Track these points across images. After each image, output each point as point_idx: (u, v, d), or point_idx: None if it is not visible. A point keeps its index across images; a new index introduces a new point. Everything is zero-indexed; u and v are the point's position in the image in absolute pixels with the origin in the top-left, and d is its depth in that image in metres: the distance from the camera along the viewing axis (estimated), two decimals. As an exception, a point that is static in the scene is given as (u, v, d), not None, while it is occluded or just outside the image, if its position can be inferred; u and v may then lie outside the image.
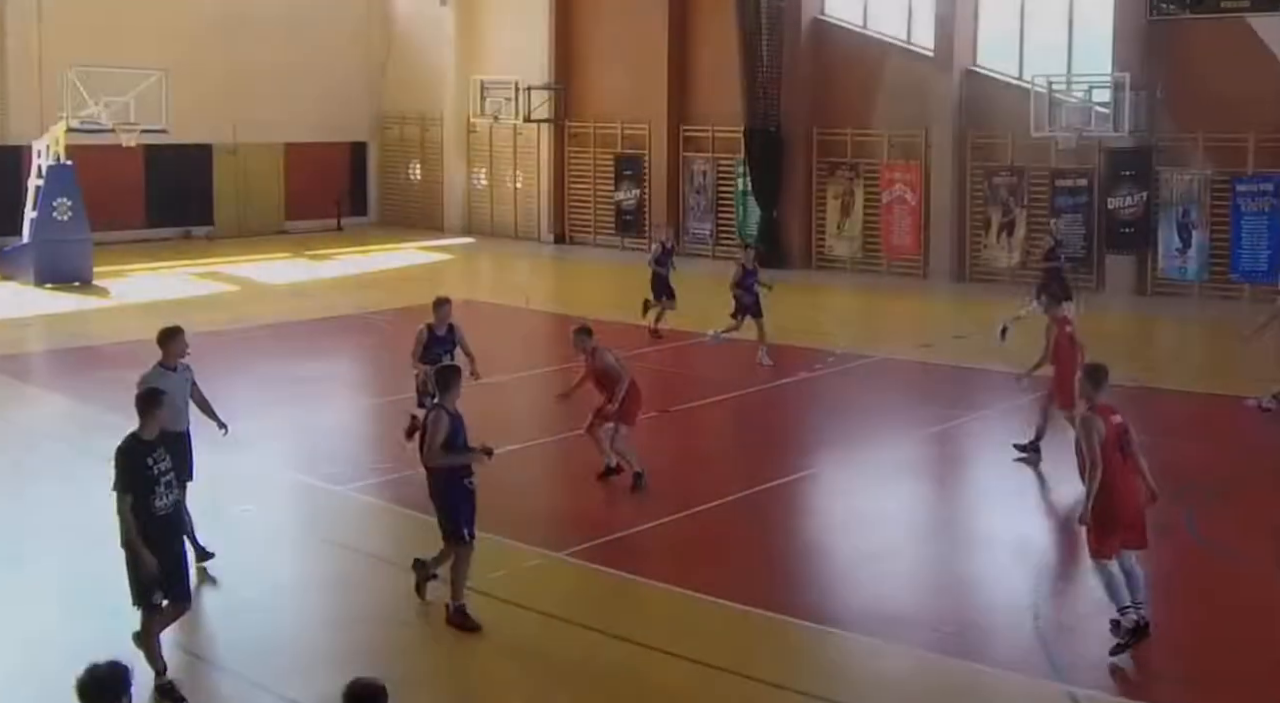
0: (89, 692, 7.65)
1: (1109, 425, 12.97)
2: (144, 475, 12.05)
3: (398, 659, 13.03)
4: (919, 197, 39.35)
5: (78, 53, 38.73)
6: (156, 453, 12.23)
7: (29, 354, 27.81)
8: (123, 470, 12.04)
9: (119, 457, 12.10)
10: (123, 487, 11.97)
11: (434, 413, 13.97)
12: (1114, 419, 13.12)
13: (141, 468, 12.05)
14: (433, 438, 13.77)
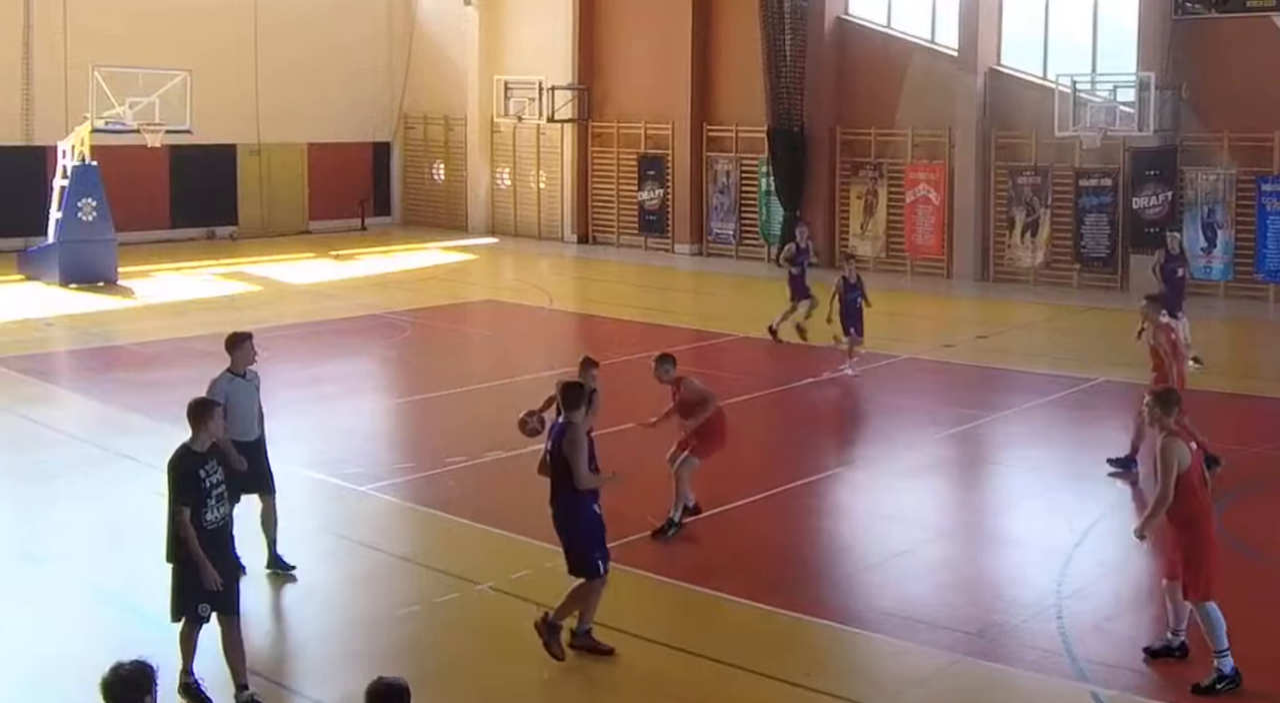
0: (113, 691, 7.64)
1: (1193, 454, 12.41)
2: (197, 487, 11.77)
3: (420, 659, 13.03)
4: (943, 196, 39.28)
5: (103, 54, 38.84)
6: (209, 465, 11.93)
7: (53, 354, 27.88)
8: (177, 483, 11.79)
9: (172, 469, 11.86)
10: (179, 500, 11.70)
11: (572, 431, 13.07)
12: (1193, 446, 12.55)
13: (195, 480, 11.79)
14: (580, 460, 12.96)
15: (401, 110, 53.21)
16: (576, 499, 13.08)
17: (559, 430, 13.20)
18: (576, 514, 13.15)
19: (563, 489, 13.14)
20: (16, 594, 14.84)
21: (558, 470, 13.13)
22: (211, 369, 15.77)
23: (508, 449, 20.25)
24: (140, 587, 14.03)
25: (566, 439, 12.98)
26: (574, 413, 13.19)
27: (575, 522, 13.17)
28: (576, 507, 13.11)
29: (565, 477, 13.04)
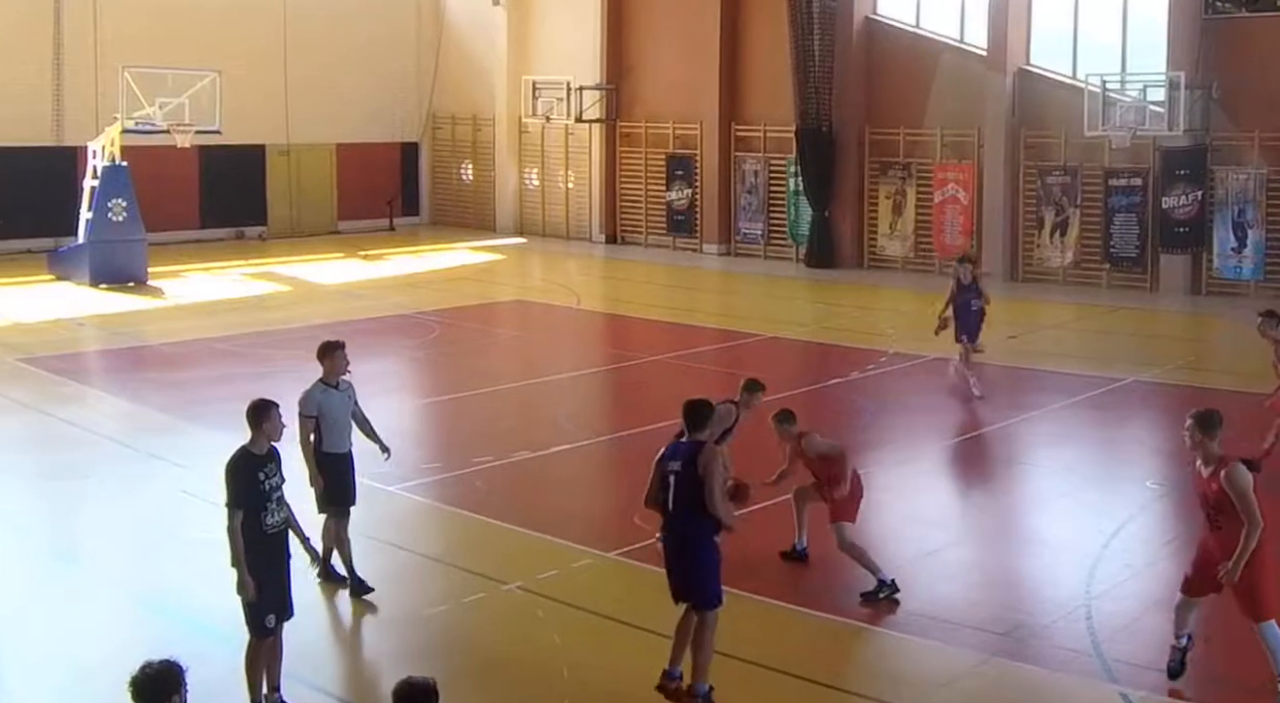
0: (142, 691, 7.68)
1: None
2: (256, 490, 11.68)
3: (448, 659, 13.05)
4: (971, 196, 39.20)
5: (132, 54, 39.00)
6: (268, 468, 11.84)
7: (83, 354, 27.99)
8: (234, 486, 11.67)
9: (230, 472, 11.73)
10: (234, 503, 11.59)
11: (707, 452, 12.08)
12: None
13: (254, 483, 11.69)
14: (718, 484, 12.05)
15: (430, 111, 53.31)
16: (703, 526, 12.05)
17: (687, 451, 12.11)
18: (704, 541, 12.13)
19: (689, 516, 12.04)
20: (49, 594, 14.91)
21: (683, 494, 12.01)
22: (240, 368, 15.83)
23: (535, 449, 20.31)
24: (171, 587, 14.09)
25: (702, 460, 11.95)
26: (701, 432, 12.26)
27: (702, 550, 12.14)
28: (703, 535, 12.10)
29: (694, 501, 11.96)
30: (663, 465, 12.19)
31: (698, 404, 12.39)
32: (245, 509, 11.53)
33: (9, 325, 30.58)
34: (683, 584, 12.23)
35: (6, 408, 23.38)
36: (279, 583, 11.77)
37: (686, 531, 12.11)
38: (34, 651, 13.40)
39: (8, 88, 41.50)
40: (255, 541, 11.53)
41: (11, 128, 41.70)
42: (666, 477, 12.11)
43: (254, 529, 11.54)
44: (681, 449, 12.15)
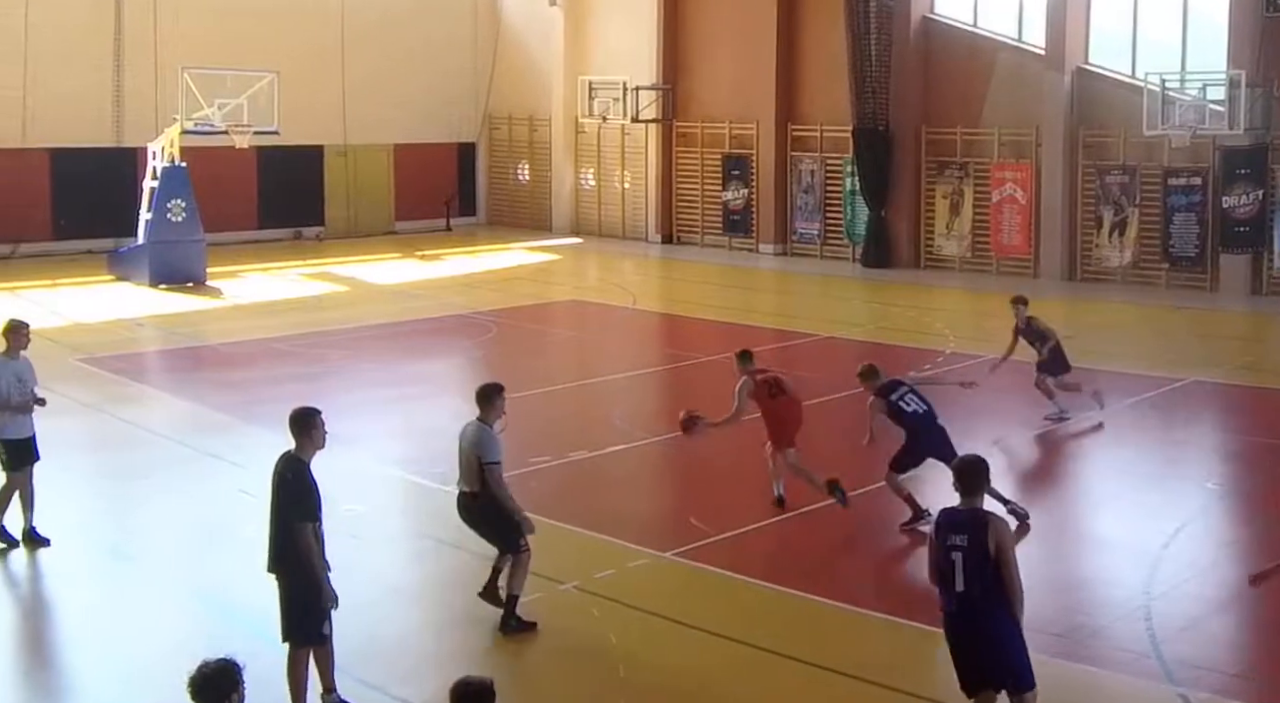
0: (200, 689, 7.73)
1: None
2: (318, 499, 11.73)
3: (505, 659, 13.08)
4: (1029, 195, 39.02)
5: (192, 56, 39.24)
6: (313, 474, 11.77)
7: (143, 354, 28.19)
8: (300, 495, 11.61)
9: (295, 480, 11.64)
10: (305, 514, 11.55)
11: (1001, 528, 10.55)
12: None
13: (316, 490, 11.72)
14: (1015, 569, 10.44)
15: (486, 111, 53.41)
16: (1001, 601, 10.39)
17: (969, 520, 10.52)
18: (1002, 615, 10.43)
19: (993, 600, 10.37)
20: (109, 592, 15.03)
21: (981, 570, 10.31)
22: (297, 368, 15.92)
23: (591, 449, 20.32)
24: (230, 585, 14.16)
25: (993, 535, 10.30)
26: (978, 498, 10.65)
27: (1003, 625, 10.42)
28: (1001, 609, 10.41)
29: (996, 579, 10.32)
30: (943, 538, 10.53)
31: (974, 462, 11.01)
32: (315, 520, 11.50)
33: (70, 325, 30.79)
34: (992, 668, 10.53)
35: (67, 408, 23.50)
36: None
37: (991, 616, 10.39)
38: (94, 647, 13.52)
39: (70, 90, 41.84)
40: (319, 549, 11.53)
41: (73, 129, 42.04)
42: (950, 552, 10.44)
43: (316, 538, 11.54)
44: (961, 519, 10.59)
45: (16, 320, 16.74)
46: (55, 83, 41.57)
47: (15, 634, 14.13)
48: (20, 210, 41.44)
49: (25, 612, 14.72)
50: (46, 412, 20.85)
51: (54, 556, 16.14)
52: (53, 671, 13.15)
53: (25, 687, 12.79)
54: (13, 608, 14.87)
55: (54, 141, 42.01)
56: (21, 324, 16.61)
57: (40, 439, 19.50)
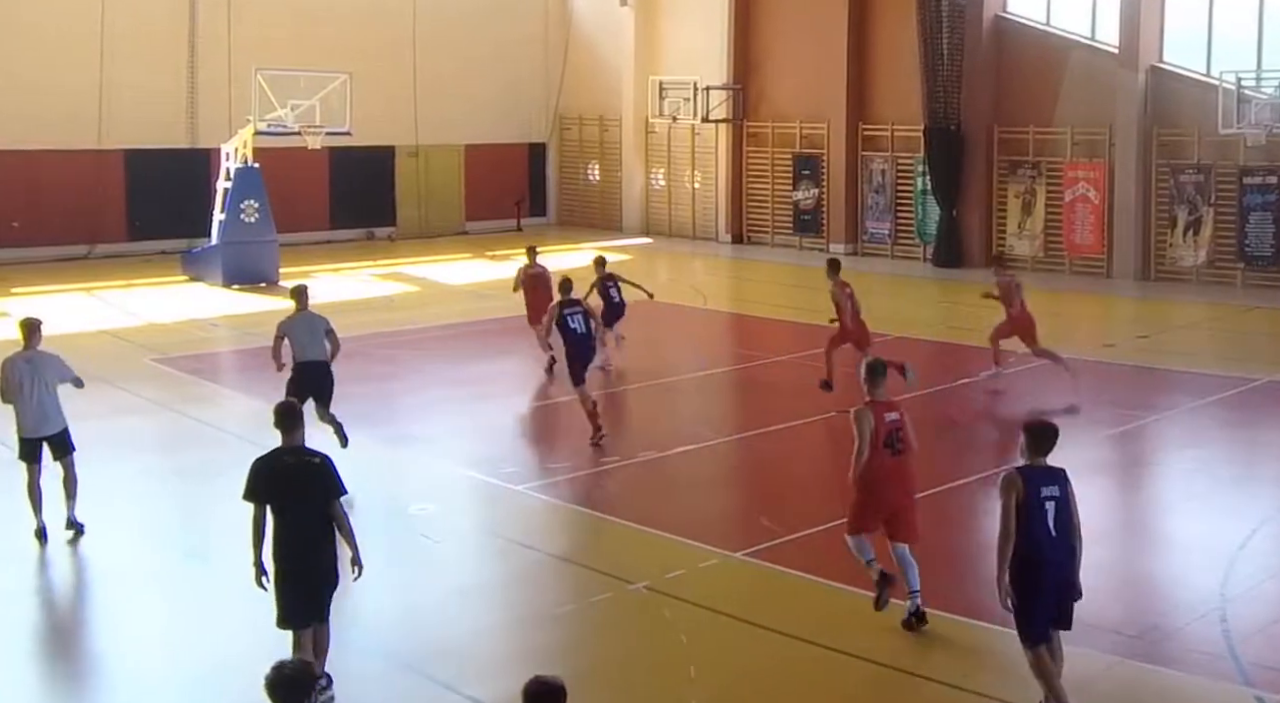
0: (277, 690, 7.78)
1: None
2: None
3: (576, 658, 13.09)
4: (1102, 195, 38.75)
5: (265, 57, 39.48)
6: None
7: (216, 354, 28.36)
8: (340, 485, 11.96)
9: (334, 472, 11.93)
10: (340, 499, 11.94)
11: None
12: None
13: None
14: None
15: (557, 111, 53.52)
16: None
17: (1057, 477, 11.78)
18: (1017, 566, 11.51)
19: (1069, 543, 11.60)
20: (182, 592, 15.14)
21: (1064, 522, 11.59)
22: (368, 368, 15.99)
23: (661, 449, 20.30)
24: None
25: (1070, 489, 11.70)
26: (1045, 458, 11.90)
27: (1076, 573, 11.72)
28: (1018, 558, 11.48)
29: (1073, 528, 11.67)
30: (1034, 491, 11.49)
31: (1049, 426, 12.11)
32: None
33: (144, 326, 31.03)
34: (1067, 608, 11.69)
35: (141, 407, 23.71)
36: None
37: (1071, 557, 11.59)
38: (166, 647, 13.61)
39: (145, 92, 42.22)
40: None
41: (148, 131, 42.41)
42: (1044, 504, 11.44)
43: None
44: (1054, 475, 11.73)
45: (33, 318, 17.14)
46: (130, 85, 41.94)
47: (88, 635, 14.27)
48: (96, 211, 41.81)
49: (98, 613, 14.84)
50: (121, 411, 21.05)
51: (127, 556, 16.29)
52: (125, 672, 13.23)
53: (98, 687, 12.90)
54: (85, 609, 15.01)
55: (129, 143, 42.39)
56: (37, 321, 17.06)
57: (114, 439, 19.76)
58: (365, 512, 17.82)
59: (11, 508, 17.02)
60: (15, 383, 16.38)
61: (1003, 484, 11.49)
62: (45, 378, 16.49)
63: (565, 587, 15.19)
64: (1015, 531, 11.30)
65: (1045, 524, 11.33)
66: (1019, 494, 11.37)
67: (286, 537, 11.67)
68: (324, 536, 11.77)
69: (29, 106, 40.27)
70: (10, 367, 16.53)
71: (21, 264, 39.62)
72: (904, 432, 13.97)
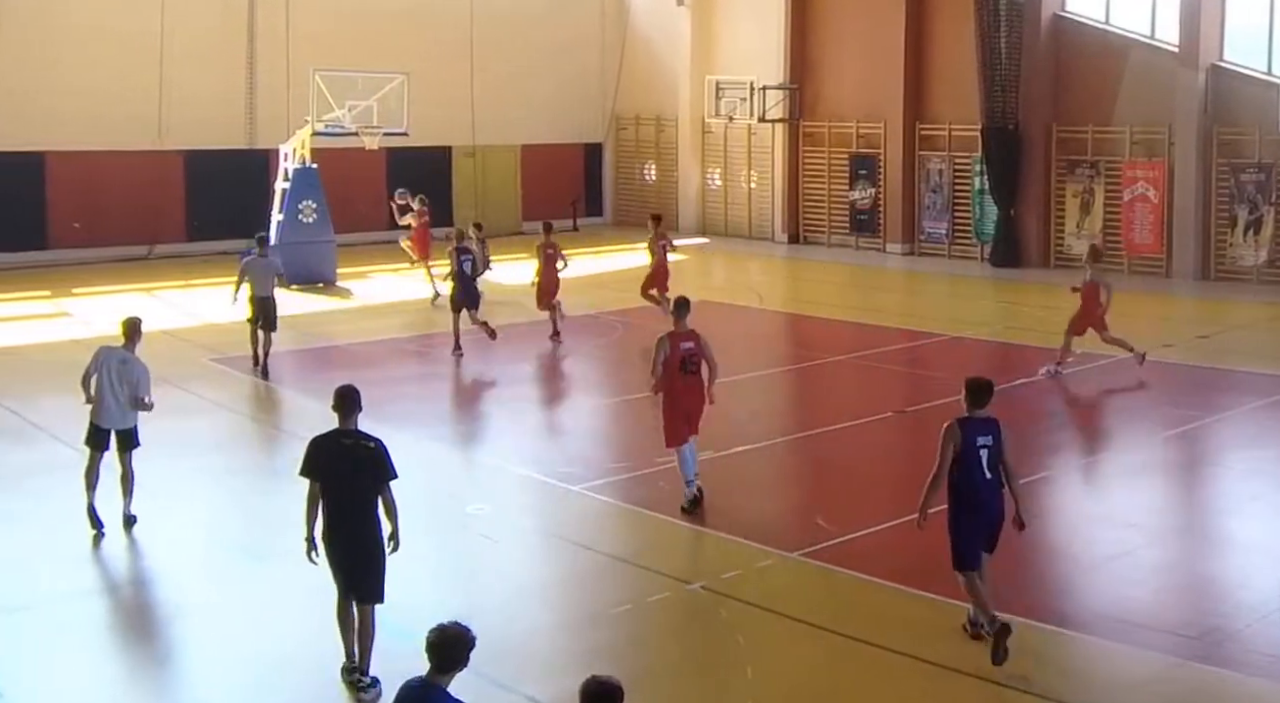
0: (440, 649, 8.38)
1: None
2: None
3: (633, 658, 13.10)
4: (1162, 194, 38.51)
5: (323, 58, 39.62)
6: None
7: (274, 354, 28.38)
8: (392, 468, 12.56)
9: (388, 457, 12.55)
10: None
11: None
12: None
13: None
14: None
15: (613, 111, 53.57)
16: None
17: (992, 427, 13.42)
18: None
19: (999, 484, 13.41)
20: (243, 591, 15.21)
21: (996, 465, 13.35)
22: (425, 368, 16.04)
23: (718, 449, 20.28)
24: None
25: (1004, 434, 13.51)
26: (983, 410, 13.47)
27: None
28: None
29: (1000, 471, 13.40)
30: (970, 439, 13.13)
31: (985, 382, 13.69)
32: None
33: (202, 326, 31.19)
34: (995, 537, 13.36)
35: (200, 407, 23.85)
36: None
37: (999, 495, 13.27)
38: (226, 645, 13.68)
39: (204, 93, 42.45)
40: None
41: (207, 132, 42.64)
42: (978, 451, 13.08)
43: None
44: (989, 425, 13.30)
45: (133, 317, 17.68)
46: (189, 86, 42.18)
47: (146, 633, 14.34)
48: (156, 212, 42.09)
49: (156, 611, 14.92)
50: (179, 411, 21.21)
51: (185, 555, 16.39)
52: (183, 670, 13.33)
53: (155, 685, 12.98)
54: (144, 607, 15.09)
55: (188, 144, 42.62)
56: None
57: (173, 438, 19.91)
58: (423, 511, 17.89)
59: (73, 508, 17.20)
60: (100, 376, 16.88)
61: (944, 434, 13.17)
62: (127, 380, 16.90)
63: (622, 587, 15.19)
64: (955, 473, 13.09)
65: (980, 468, 13.07)
66: (957, 443, 13.07)
67: (337, 514, 12.33)
68: (372, 515, 12.37)
69: (90, 109, 40.55)
70: (101, 358, 17.03)
71: (83, 265, 39.91)
72: (697, 356, 17.85)
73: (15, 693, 12.40)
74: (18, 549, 16.40)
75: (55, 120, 40.11)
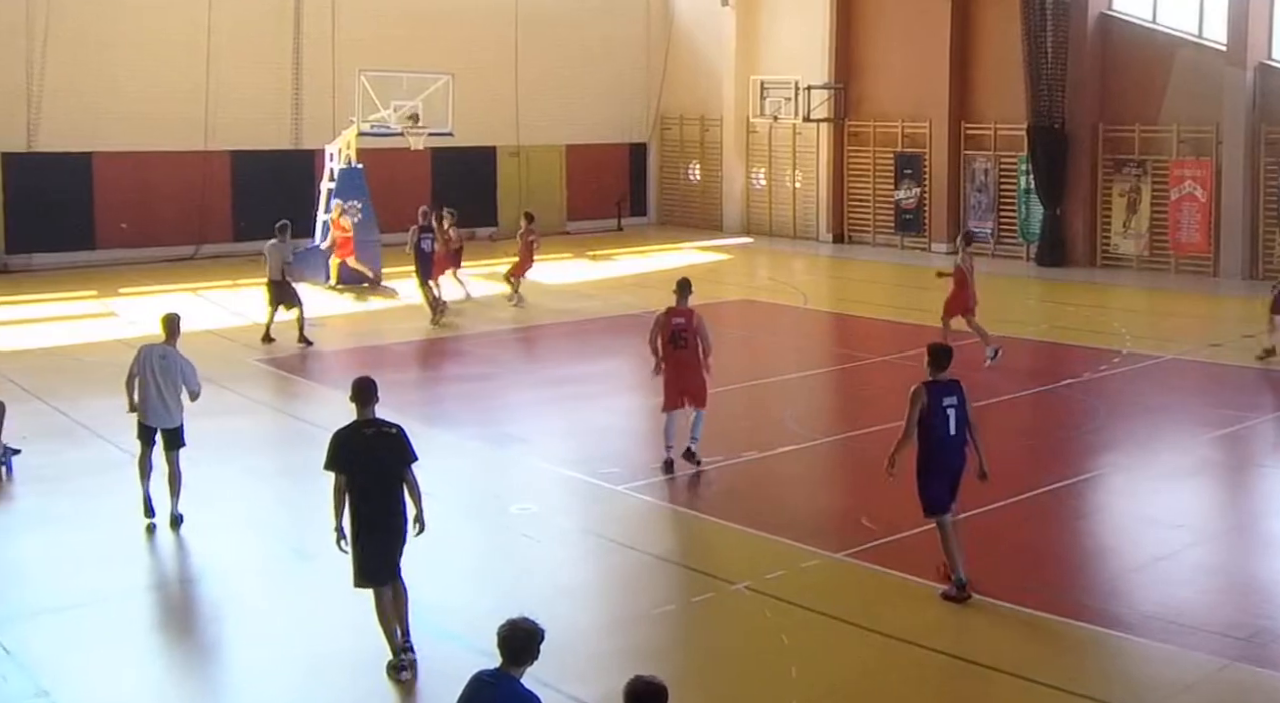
0: (512, 643, 8.57)
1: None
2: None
3: (677, 658, 13.10)
4: (1209, 194, 38.31)
5: (368, 58, 39.75)
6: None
7: (321, 354, 28.55)
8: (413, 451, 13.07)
9: (410, 445, 13.06)
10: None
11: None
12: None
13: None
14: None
15: (658, 111, 53.57)
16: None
17: (956, 388, 14.66)
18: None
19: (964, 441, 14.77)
20: (290, 589, 15.28)
21: (965, 420, 14.69)
22: (469, 368, 16.04)
23: (762, 449, 20.28)
24: (410, 583, 14.27)
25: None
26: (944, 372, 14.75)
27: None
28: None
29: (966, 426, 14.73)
30: (937, 400, 14.37)
31: (946, 348, 14.91)
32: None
33: (249, 326, 31.27)
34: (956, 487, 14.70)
35: (247, 407, 23.94)
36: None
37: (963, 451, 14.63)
38: (274, 643, 13.73)
39: (250, 94, 42.67)
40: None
41: (253, 132, 42.85)
42: (945, 410, 14.36)
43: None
44: (952, 387, 14.56)
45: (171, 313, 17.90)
46: (236, 87, 42.41)
47: (194, 632, 14.41)
48: (203, 213, 42.27)
49: (204, 609, 14.98)
50: (226, 411, 21.33)
51: (234, 554, 16.46)
52: (230, 668, 13.38)
53: (202, 684, 13.04)
54: (191, 606, 15.15)
55: (234, 145, 42.82)
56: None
57: (220, 438, 20.02)
58: (467, 512, 17.95)
59: (122, 508, 17.30)
60: (147, 373, 17.14)
61: (911, 396, 14.39)
62: (171, 377, 17.18)
63: (666, 587, 15.19)
64: (923, 431, 14.36)
65: (947, 426, 14.36)
66: (923, 405, 14.32)
67: (366, 502, 12.81)
68: (399, 499, 12.83)
69: (138, 110, 40.78)
70: (145, 356, 17.26)
71: (130, 265, 40.15)
72: (688, 332, 19.35)
73: (62, 692, 12.47)
74: (67, 549, 16.49)
75: (103, 121, 40.37)
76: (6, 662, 13.06)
